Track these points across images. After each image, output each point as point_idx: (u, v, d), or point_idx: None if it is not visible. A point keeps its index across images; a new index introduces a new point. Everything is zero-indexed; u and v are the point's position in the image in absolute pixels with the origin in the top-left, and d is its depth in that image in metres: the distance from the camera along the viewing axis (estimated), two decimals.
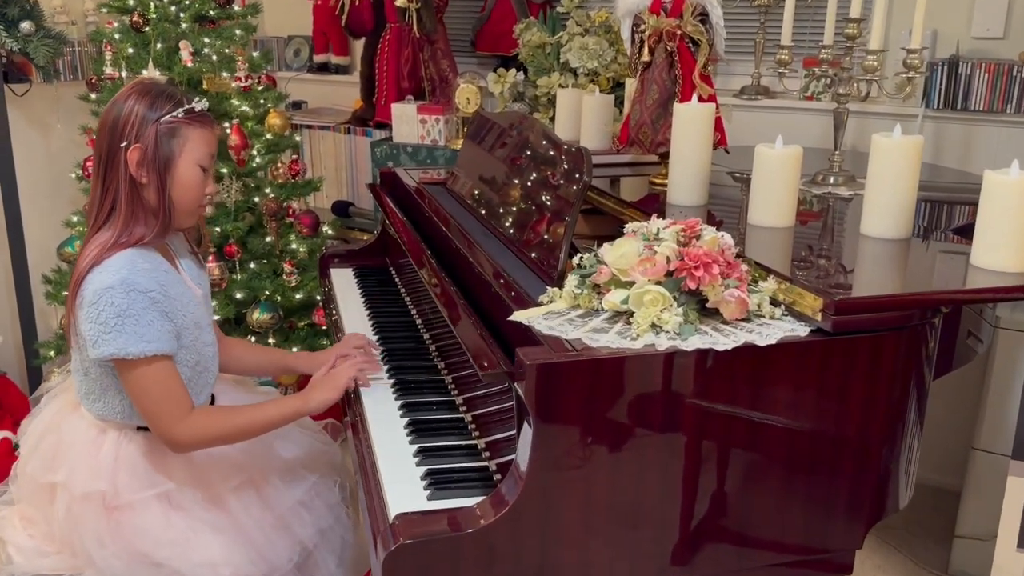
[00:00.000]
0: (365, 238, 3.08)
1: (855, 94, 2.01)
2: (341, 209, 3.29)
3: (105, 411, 1.55)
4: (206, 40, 2.61)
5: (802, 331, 1.18)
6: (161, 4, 2.60)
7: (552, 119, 2.64)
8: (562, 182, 1.47)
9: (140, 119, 1.47)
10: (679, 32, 1.85)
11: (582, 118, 2.26)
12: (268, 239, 2.79)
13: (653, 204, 1.83)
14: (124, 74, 2.58)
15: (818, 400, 1.19)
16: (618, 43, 2.76)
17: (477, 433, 1.43)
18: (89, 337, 1.44)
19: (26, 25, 2.50)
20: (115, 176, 1.48)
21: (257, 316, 2.71)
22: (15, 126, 2.81)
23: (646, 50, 1.91)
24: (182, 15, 2.61)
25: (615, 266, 1.20)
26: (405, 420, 1.48)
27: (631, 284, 1.19)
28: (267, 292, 2.72)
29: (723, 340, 1.13)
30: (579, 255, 1.28)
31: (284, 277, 2.78)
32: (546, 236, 1.45)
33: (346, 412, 1.61)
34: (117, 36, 2.58)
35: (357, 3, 3.12)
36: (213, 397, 1.73)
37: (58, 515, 1.52)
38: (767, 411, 1.17)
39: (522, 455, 1.10)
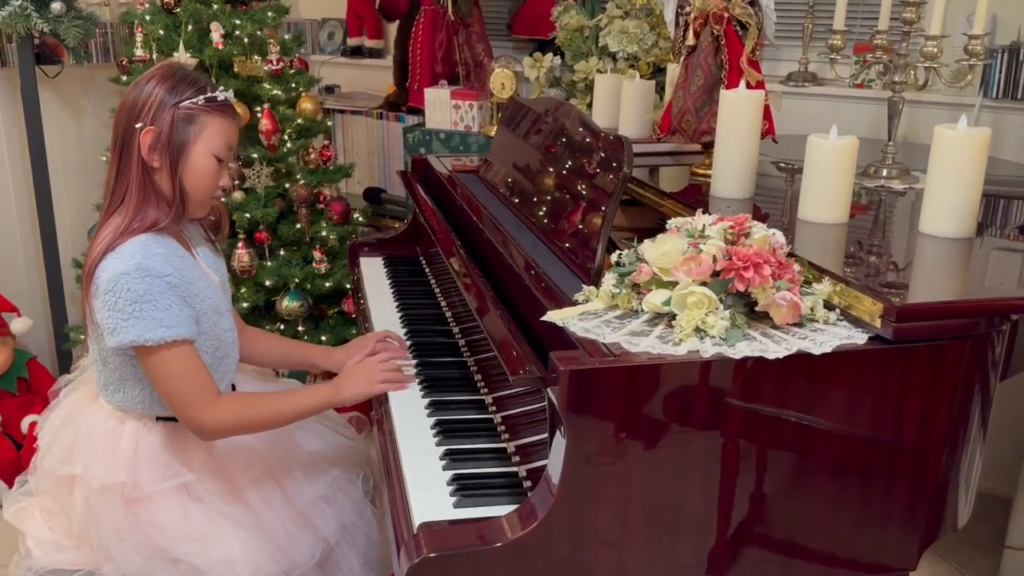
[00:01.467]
0: (396, 226, 3.01)
1: (912, 82, 1.90)
2: (373, 196, 3.24)
3: (125, 401, 1.51)
4: (237, 22, 2.55)
5: (859, 338, 1.09)
6: None
7: (589, 106, 2.56)
8: (600, 173, 1.39)
9: (159, 102, 1.43)
10: (726, 15, 1.76)
11: (621, 105, 2.17)
12: (298, 226, 2.74)
13: (695, 196, 1.74)
14: (155, 56, 2.53)
15: (875, 412, 1.10)
16: (660, 27, 2.66)
17: (507, 436, 1.36)
18: (107, 325, 1.40)
19: (57, 6, 2.47)
20: (129, 159, 1.44)
21: (286, 304, 2.67)
22: (47, 108, 2.78)
23: (691, 33, 1.82)
24: None
25: (657, 265, 1.12)
26: (432, 420, 1.41)
27: (674, 284, 1.11)
28: (297, 280, 2.68)
29: (774, 347, 1.05)
30: (617, 252, 1.20)
31: (314, 265, 2.73)
32: (582, 230, 1.37)
33: (372, 407, 1.55)
34: (148, 17, 2.53)
35: None
36: (234, 388, 1.68)
37: (76, 508, 1.49)
38: (819, 423, 1.08)
39: (554, 465, 1.04)
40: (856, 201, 1.68)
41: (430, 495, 1.21)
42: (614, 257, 1.22)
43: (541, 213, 1.57)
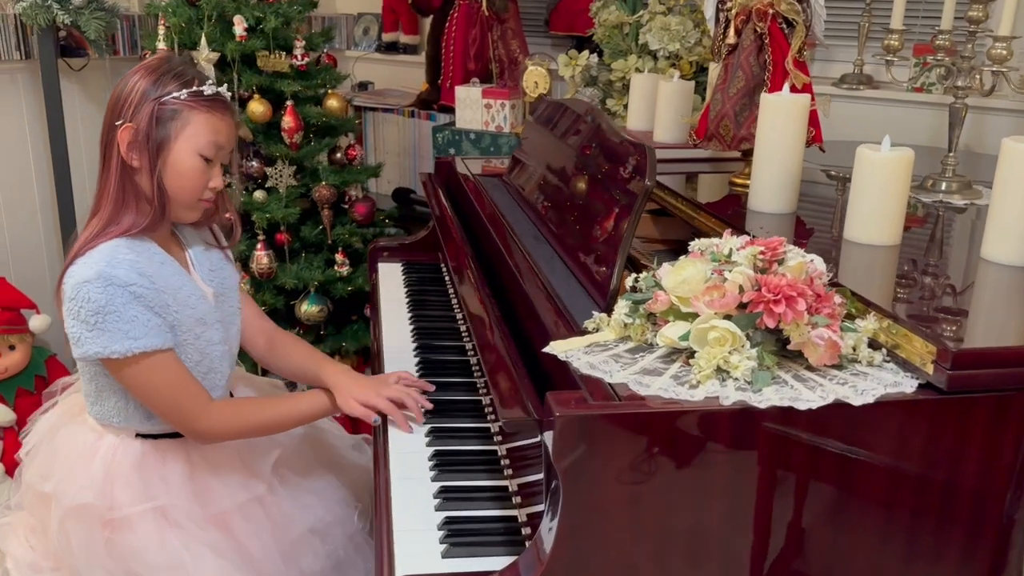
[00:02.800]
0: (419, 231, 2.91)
1: (976, 87, 1.72)
2: (402, 197, 3.13)
3: (103, 414, 1.43)
4: (261, 15, 2.46)
5: (907, 385, 0.94)
6: None
7: (627, 107, 2.41)
8: (620, 185, 1.26)
9: (139, 96, 1.33)
10: (771, 11, 1.60)
11: (657, 107, 2.03)
12: (321, 227, 2.65)
13: (731, 208, 1.59)
14: (176, 50, 2.46)
15: (925, 467, 0.95)
16: (704, 24, 2.50)
17: (510, 471, 1.24)
18: (71, 335, 1.32)
19: None
20: (111, 158, 1.35)
21: (305, 308, 2.58)
22: (73, 101, 2.74)
23: (732, 31, 1.67)
24: None
25: (675, 293, 0.99)
26: (431, 450, 1.30)
27: (694, 316, 0.98)
28: (317, 283, 2.58)
29: (807, 395, 0.91)
30: (632, 275, 1.07)
31: (336, 268, 2.63)
32: (599, 247, 1.24)
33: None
34: (171, 10, 2.45)
35: None
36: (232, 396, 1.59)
37: (51, 528, 1.41)
38: (858, 483, 0.94)
39: (546, 528, 0.91)
40: (911, 215, 1.52)
41: (418, 540, 1.09)
42: (629, 281, 1.08)
43: (559, 226, 1.44)
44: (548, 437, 0.89)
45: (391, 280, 2.09)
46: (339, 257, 2.64)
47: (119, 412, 1.41)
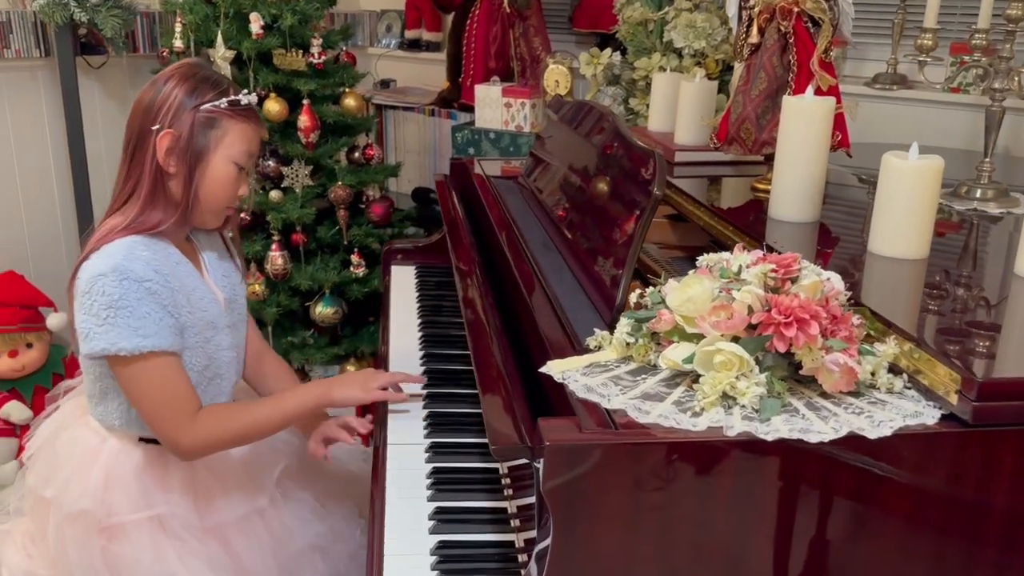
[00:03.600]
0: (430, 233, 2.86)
1: (1016, 89, 1.63)
2: (422, 197, 3.09)
3: (106, 416, 1.40)
4: (277, 12, 2.43)
5: (929, 416, 0.87)
6: None
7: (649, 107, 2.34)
8: (628, 194, 1.20)
9: (178, 103, 1.32)
10: (796, 9, 1.53)
11: (678, 107, 1.96)
12: (337, 227, 2.61)
13: (750, 215, 1.52)
14: (192, 48, 2.43)
15: (946, 513, 0.88)
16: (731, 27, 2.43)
17: (510, 492, 1.19)
18: (81, 330, 1.29)
19: None
20: (142, 160, 1.34)
21: (320, 310, 2.55)
22: (92, 98, 2.73)
23: (755, 30, 1.60)
24: None
25: (680, 312, 0.93)
26: (430, 467, 1.25)
27: (699, 338, 0.91)
28: (332, 284, 2.55)
29: (819, 425, 0.84)
30: (637, 292, 1.01)
31: (351, 269, 2.60)
32: (606, 259, 1.18)
33: (373, 436, 1.40)
34: (187, 7, 2.43)
35: None
36: None
37: (49, 534, 1.38)
38: (874, 523, 0.87)
39: (535, 559, 0.85)
40: (940, 223, 1.44)
41: (409, 565, 1.04)
42: (634, 297, 1.02)
43: (569, 234, 1.38)
44: (539, 465, 0.84)
45: (403, 283, 2.05)
46: (355, 258, 2.60)
47: (122, 414, 1.39)
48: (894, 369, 0.94)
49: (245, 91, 1.37)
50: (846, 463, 0.85)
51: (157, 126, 1.31)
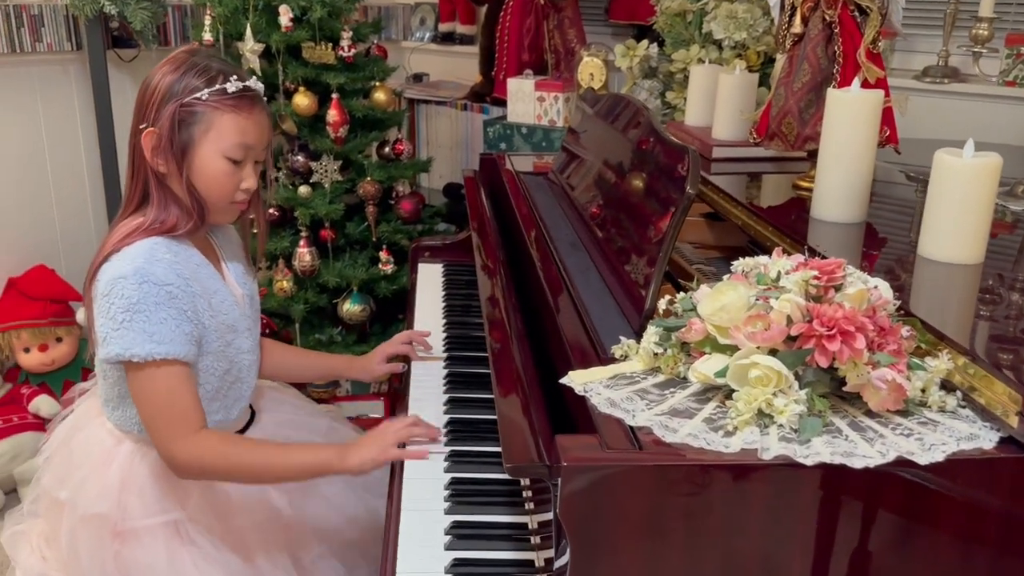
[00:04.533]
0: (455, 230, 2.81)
1: None
2: (453, 192, 3.04)
3: (123, 421, 1.36)
4: (305, 5, 2.38)
5: (986, 439, 0.79)
6: None
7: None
8: (659, 193, 1.13)
9: (161, 97, 1.25)
10: None
11: (717, 100, 1.88)
12: (366, 224, 2.57)
13: (792, 215, 1.44)
14: (221, 40, 2.40)
15: (1004, 548, 0.80)
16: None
17: (532, 505, 1.12)
18: (98, 334, 1.25)
19: None
20: (140, 162, 1.29)
21: (347, 307, 2.50)
22: (123, 92, 2.71)
23: (798, 20, 1.52)
24: None
25: (712, 321, 0.86)
26: (448, 477, 1.19)
27: (733, 350, 0.84)
28: (360, 281, 2.50)
29: (863, 448, 0.77)
30: (666, 298, 0.94)
31: (380, 266, 2.55)
32: (635, 262, 1.11)
33: None
34: (217, 0, 2.40)
35: None
36: (253, 413, 1.51)
37: (62, 537, 1.35)
38: (922, 558, 0.79)
39: None
40: (996, 224, 1.35)
41: None
42: (663, 303, 0.96)
43: (597, 234, 1.32)
44: (557, 490, 0.78)
45: (430, 282, 1.99)
46: (383, 255, 2.55)
47: (138, 420, 1.34)
48: (947, 386, 0.86)
49: (235, 77, 1.27)
50: (893, 491, 0.77)
51: (144, 124, 1.25)
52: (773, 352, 0.83)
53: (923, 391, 0.84)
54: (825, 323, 0.80)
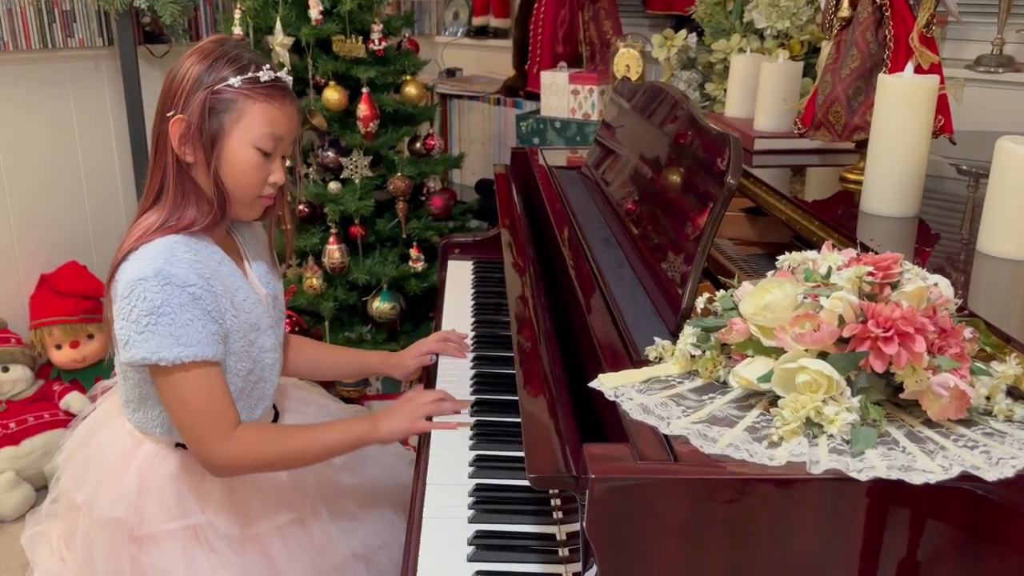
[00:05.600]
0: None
1: None
2: (485, 188, 2.98)
3: (144, 422, 1.33)
4: None
5: None
6: None
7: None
8: (698, 184, 1.06)
9: (191, 85, 1.22)
10: None
11: (759, 90, 1.80)
12: (397, 220, 2.53)
13: (839, 208, 1.36)
14: (251, 34, 2.37)
15: None
16: (819, 1, 2.24)
17: (560, 514, 1.06)
18: (120, 337, 1.21)
19: None
20: (164, 151, 1.25)
21: (377, 305, 2.46)
22: (154, 87, 2.68)
23: (846, 3, 1.43)
24: None
25: (755, 321, 0.79)
26: (473, 484, 1.13)
27: (779, 352, 0.78)
28: (390, 278, 2.46)
29: (923, 462, 0.69)
30: (706, 296, 0.87)
31: (410, 263, 2.50)
32: (672, 258, 1.04)
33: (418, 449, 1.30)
34: None
35: None
36: (277, 414, 1.47)
37: (77, 540, 1.32)
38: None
39: None
40: None
41: None
42: (701, 301, 0.89)
43: (632, 229, 1.25)
44: (584, 503, 0.71)
45: (459, 279, 1.94)
46: (414, 252, 2.51)
47: (162, 422, 1.31)
48: (1013, 393, 0.78)
49: (268, 66, 1.25)
50: (957, 511, 0.70)
51: (171, 111, 1.22)
52: (823, 355, 0.75)
53: (988, 399, 0.77)
54: (881, 324, 0.73)
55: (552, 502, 1.09)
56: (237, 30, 2.37)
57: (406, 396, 1.35)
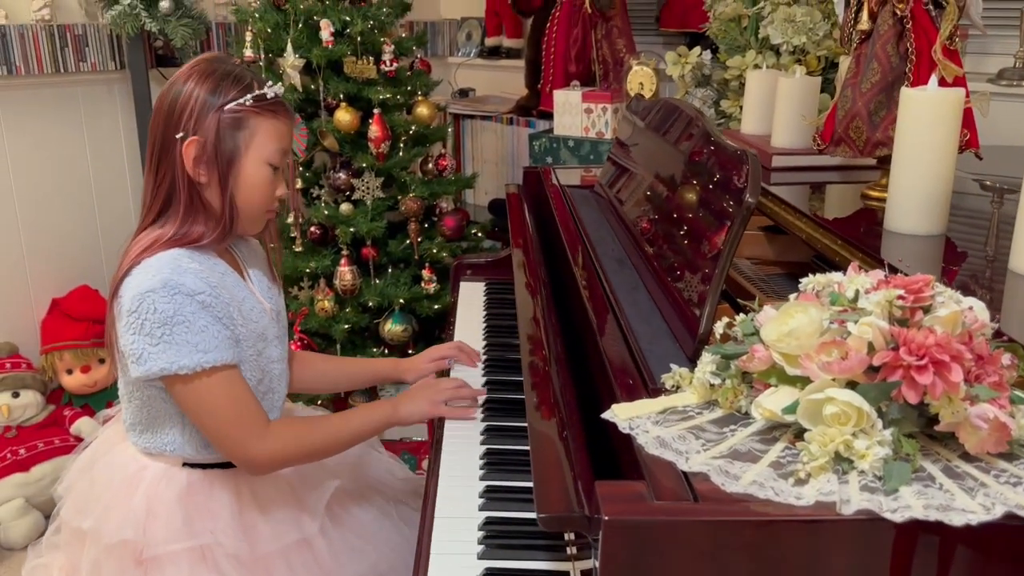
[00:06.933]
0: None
1: None
2: (498, 208, 2.95)
3: (153, 444, 1.31)
4: (347, 18, 2.33)
5: None
6: None
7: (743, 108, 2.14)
8: (716, 202, 1.02)
9: (200, 105, 1.21)
10: None
11: (776, 106, 1.76)
12: (409, 241, 2.49)
13: (862, 227, 1.32)
14: (262, 56, 2.36)
15: None
16: (835, 15, 2.20)
17: (574, 550, 1.01)
18: (132, 352, 1.19)
19: (165, 4, 2.34)
20: (169, 170, 1.24)
21: (389, 327, 2.42)
22: None
23: (865, 15, 1.39)
24: None
25: (778, 349, 0.74)
26: (483, 517, 1.09)
27: (804, 382, 0.73)
28: (402, 301, 2.42)
29: (963, 501, 0.64)
30: (724, 321, 0.83)
31: (422, 284, 2.47)
32: (689, 279, 1.00)
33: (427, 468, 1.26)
34: (257, 15, 2.36)
35: None
36: None
37: (82, 569, 1.29)
38: None
39: None
40: None
41: None
42: (720, 326, 0.84)
43: (647, 249, 1.21)
44: (597, 545, 0.67)
45: (472, 301, 1.90)
46: (426, 273, 2.47)
47: (173, 441, 1.30)
48: None
49: (269, 83, 1.26)
50: (999, 553, 0.65)
51: (181, 133, 1.21)
52: (851, 385, 0.71)
53: None
54: (914, 351, 0.68)
55: (566, 536, 1.04)
56: (248, 52, 2.36)
57: (425, 381, 1.41)
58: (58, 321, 2.59)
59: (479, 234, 2.64)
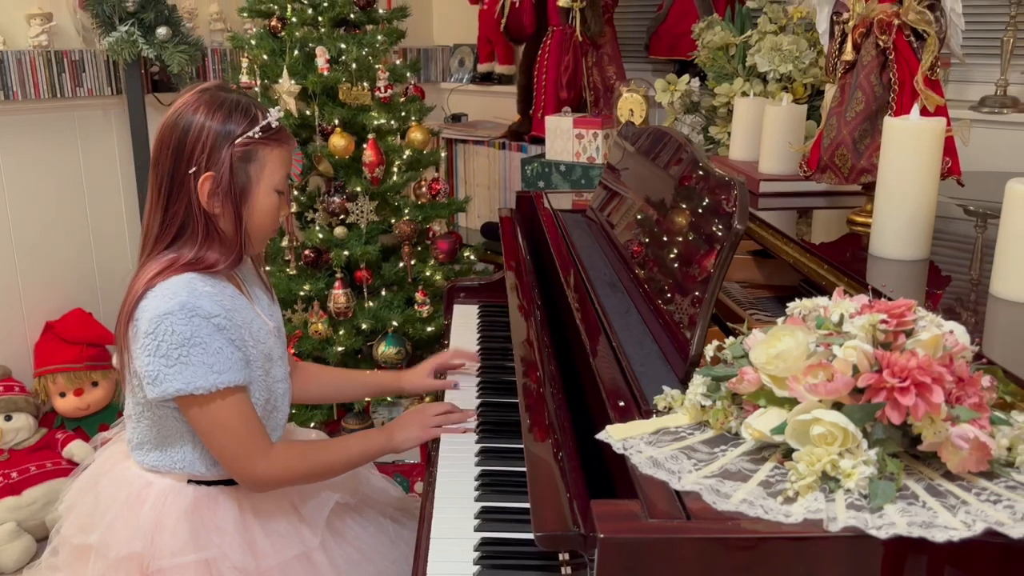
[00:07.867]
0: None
1: None
2: (491, 232, 2.98)
3: (162, 462, 1.33)
4: (343, 46, 2.36)
5: None
6: (300, 6, 2.39)
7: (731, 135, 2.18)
8: (705, 229, 1.04)
9: (212, 140, 1.25)
10: (897, 22, 1.36)
11: (763, 133, 1.79)
12: (403, 264, 2.52)
13: (847, 252, 1.35)
14: (258, 83, 2.39)
15: None
16: (821, 44, 2.25)
17: (569, 570, 1.03)
18: (148, 373, 1.22)
19: (162, 31, 2.37)
20: (183, 203, 1.27)
21: (383, 350, 2.44)
22: None
23: (849, 46, 1.43)
24: (320, 19, 2.38)
25: (767, 371, 0.77)
26: (478, 538, 1.10)
27: (792, 403, 0.75)
28: (395, 323, 2.44)
29: (945, 518, 0.67)
30: (715, 344, 0.85)
31: (416, 307, 2.49)
32: (679, 303, 1.03)
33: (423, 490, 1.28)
34: (253, 42, 2.39)
35: (517, 5, 2.79)
36: None
37: None
38: None
39: None
40: None
41: None
42: (710, 349, 0.87)
43: (638, 273, 1.24)
44: (593, 564, 0.69)
45: (465, 324, 1.92)
46: (419, 296, 2.50)
47: (184, 459, 1.32)
48: None
49: (272, 110, 1.30)
50: (980, 569, 0.67)
51: (194, 168, 1.24)
52: (837, 406, 0.73)
53: (1009, 450, 0.74)
54: (897, 373, 0.71)
55: (560, 556, 1.06)
56: (245, 78, 2.39)
57: (416, 408, 1.46)
58: (52, 344, 2.59)
59: (472, 257, 2.67)
